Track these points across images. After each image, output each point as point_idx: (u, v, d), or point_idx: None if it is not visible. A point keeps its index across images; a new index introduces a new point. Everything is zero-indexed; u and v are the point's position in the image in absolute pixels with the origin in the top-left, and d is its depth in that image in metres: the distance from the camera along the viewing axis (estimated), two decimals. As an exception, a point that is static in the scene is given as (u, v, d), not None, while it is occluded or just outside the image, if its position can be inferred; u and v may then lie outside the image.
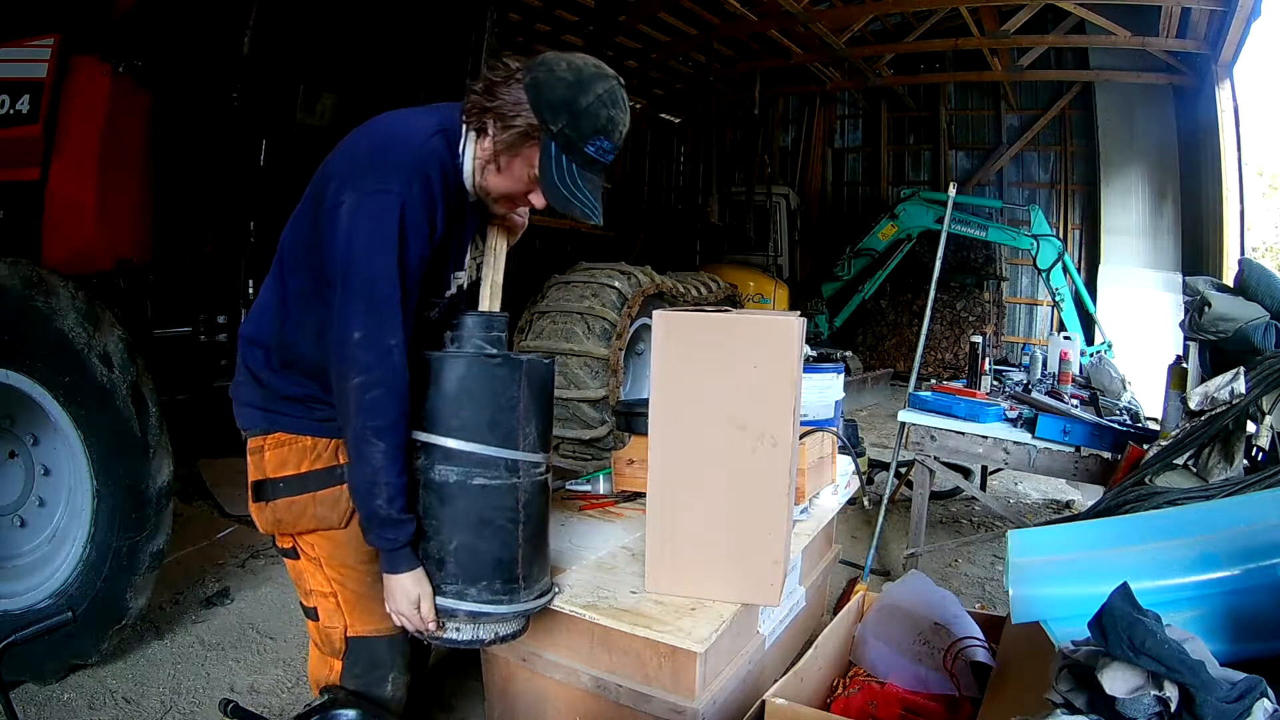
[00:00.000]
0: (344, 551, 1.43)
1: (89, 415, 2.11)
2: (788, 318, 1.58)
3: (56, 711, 2.06)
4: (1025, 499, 4.70)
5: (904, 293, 9.96)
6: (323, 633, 1.48)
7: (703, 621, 1.54)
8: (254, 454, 1.42)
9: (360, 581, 1.44)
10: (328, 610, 1.46)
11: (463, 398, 1.35)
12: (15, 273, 2.04)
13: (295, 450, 1.40)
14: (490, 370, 1.37)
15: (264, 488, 1.40)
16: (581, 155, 1.29)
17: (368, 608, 1.44)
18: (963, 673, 1.93)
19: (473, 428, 1.35)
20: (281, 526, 1.42)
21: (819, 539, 2.25)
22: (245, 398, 1.44)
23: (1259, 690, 0.97)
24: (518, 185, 1.35)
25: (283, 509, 1.40)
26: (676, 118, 12.82)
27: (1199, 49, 7.57)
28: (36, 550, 2.26)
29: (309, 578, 1.46)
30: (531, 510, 1.42)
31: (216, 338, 2.93)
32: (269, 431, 1.41)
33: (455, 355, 1.39)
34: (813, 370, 2.58)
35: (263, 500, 1.41)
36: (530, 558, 1.44)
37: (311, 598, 1.47)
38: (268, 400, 1.41)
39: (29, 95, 2.47)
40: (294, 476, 1.40)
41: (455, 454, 1.34)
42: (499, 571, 1.39)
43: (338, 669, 1.47)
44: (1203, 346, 2.32)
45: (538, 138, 1.28)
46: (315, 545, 1.44)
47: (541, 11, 8.79)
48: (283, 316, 1.40)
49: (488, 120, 1.30)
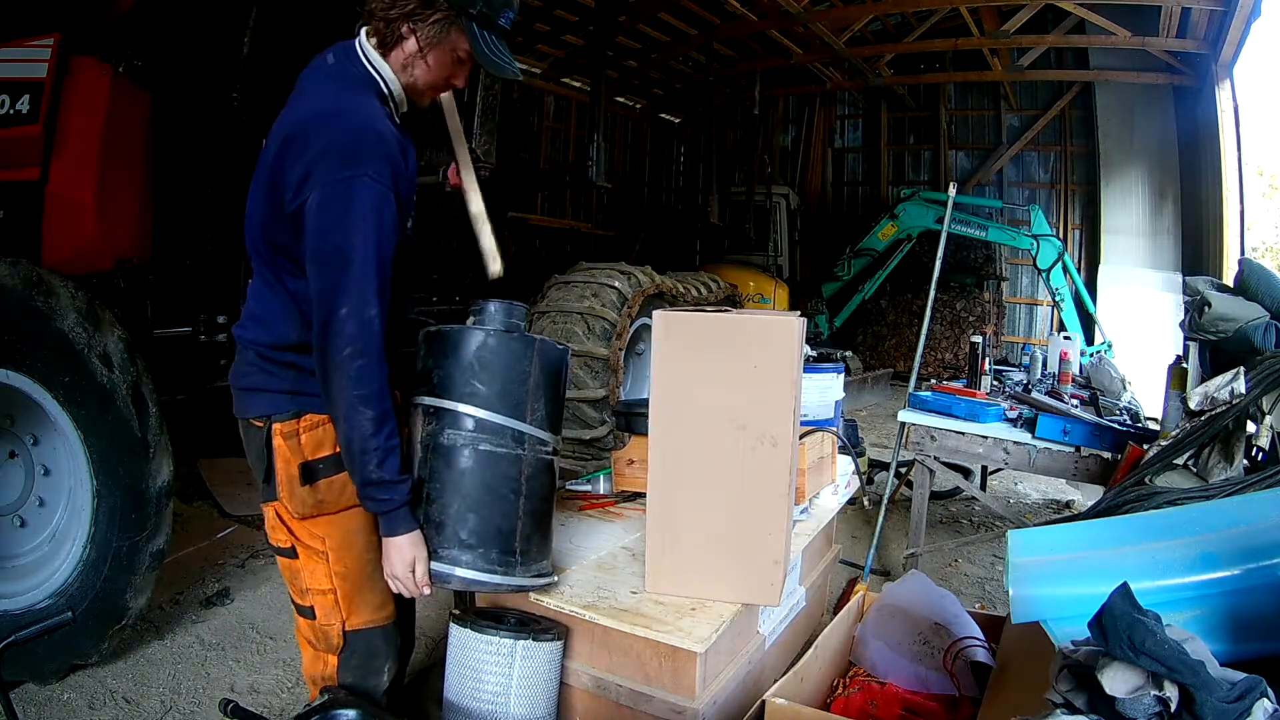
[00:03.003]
0: (355, 539, 1.48)
1: (89, 415, 2.11)
2: (788, 317, 1.58)
3: (56, 711, 2.05)
4: (1025, 499, 4.70)
5: (904, 293, 9.96)
6: (319, 630, 1.50)
7: (703, 621, 1.54)
8: (288, 439, 1.44)
9: (361, 572, 1.48)
10: (325, 608, 1.48)
11: (477, 367, 1.43)
12: (15, 273, 2.04)
13: (328, 430, 1.44)
14: (506, 343, 1.45)
15: (311, 470, 1.44)
16: (497, 29, 1.44)
17: (365, 600, 1.49)
18: (963, 673, 1.93)
19: (484, 396, 1.42)
20: (324, 507, 1.46)
21: (819, 539, 2.25)
22: (262, 384, 1.46)
23: (1259, 690, 0.97)
24: (443, 72, 1.47)
25: (324, 489, 1.45)
26: (676, 118, 12.82)
27: (1199, 49, 7.57)
28: (36, 550, 2.26)
29: (306, 576, 1.48)
30: (534, 486, 1.46)
31: (216, 338, 2.93)
32: (300, 414, 1.44)
33: (475, 328, 1.46)
34: (813, 370, 2.58)
35: (311, 482, 1.44)
36: (529, 533, 1.47)
37: (308, 596, 1.49)
38: (296, 383, 1.44)
39: (29, 95, 2.47)
40: (331, 456, 1.44)
41: (465, 419, 1.41)
42: (497, 541, 1.43)
43: (333, 664, 1.50)
44: (1203, 346, 2.31)
45: (460, 25, 1.41)
46: (327, 536, 1.46)
47: (541, 11, 8.79)
48: (295, 311, 1.43)
49: (401, 26, 1.40)
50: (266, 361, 1.45)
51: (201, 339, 2.91)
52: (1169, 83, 8.72)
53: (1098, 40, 8.49)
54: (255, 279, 1.48)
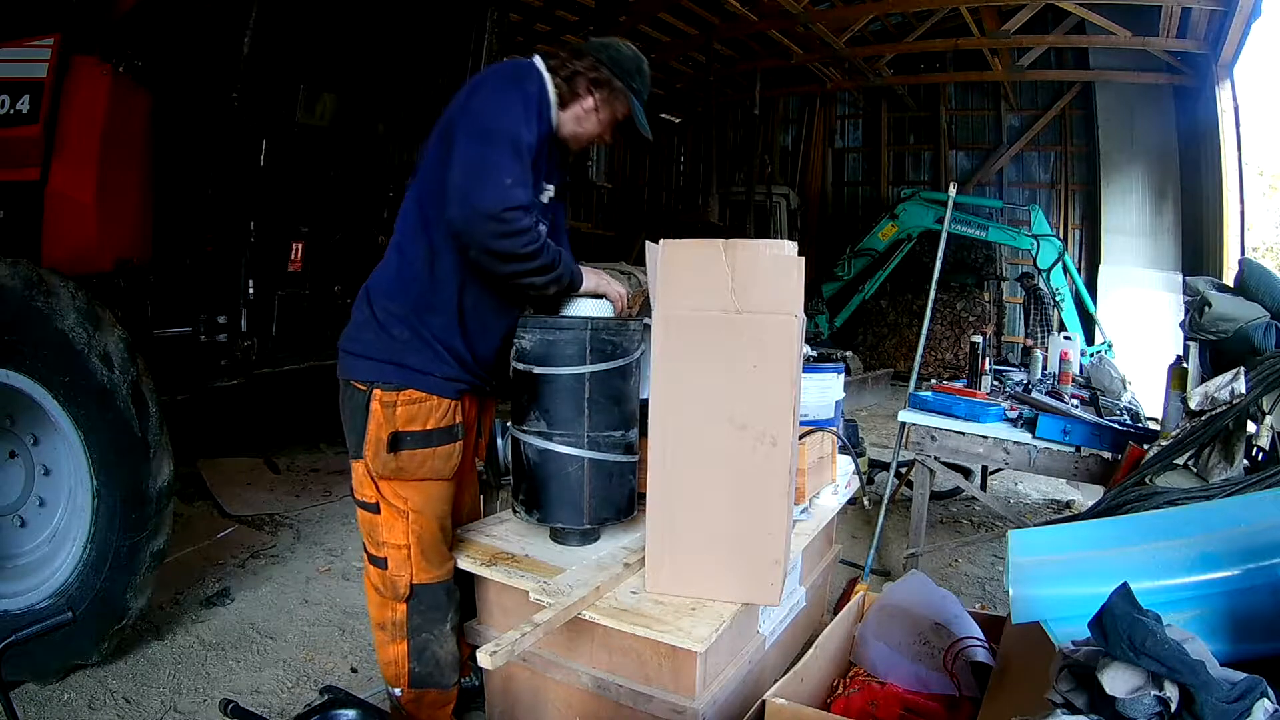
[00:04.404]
0: (433, 505, 1.72)
1: (89, 415, 2.11)
2: (787, 316, 1.58)
3: (56, 711, 2.05)
4: (1025, 499, 4.70)
5: (904, 293, 9.95)
6: (388, 580, 1.72)
7: (703, 621, 1.54)
8: (385, 406, 1.65)
9: (434, 535, 1.73)
10: (398, 560, 1.71)
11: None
12: (15, 273, 2.04)
13: (424, 408, 1.67)
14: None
15: (399, 439, 1.65)
16: (642, 100, 1.83)
17: (433, 559, 1.74)
18: (963, 673, 1.93)
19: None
20: (401, 474, 1.67)
21: (819, 539, 2.25)
22: (372, 351, 1.67)
23: (1259, 690, 0.97)
24: (600, 129, 1.84)
25: (406, 459, 1.66)
26: (676, 118, 12.81)
27: (1199, 49, 7.57)
28: (37, 550, 2.25)
29: (384, 530, 1.70)
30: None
31: (216, 338, 2.93)
32: (402, 388, 1.66)
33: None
34: (813, 370, 2.58)
35: (396, 450, 1.65)
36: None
37: (383, 549, 1.71)
38: (401, 354, 1.66)
39: (29, 95, 2.47)
40: (420, 432, 1.67)
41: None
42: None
43: (402, 611, 1.74)
44: (1203, 346, 2.31)
45: (626, 97, 1.80)
46: (410, 499, 1.69)
47: (541, 11, 8.79)
48: (430, 259, 1.67)
49: (580, 85, 1.75)
50: (378, 325, 1.70)
51: (201, 339, 2.91)
52: (1169, 83, 8.72)
53: (1098, 40, 8.49)
54: (396, 238, 1.79)
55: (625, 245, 7.84)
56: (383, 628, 1.77)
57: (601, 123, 1.83)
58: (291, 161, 3.09)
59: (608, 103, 1.80)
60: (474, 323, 1.73)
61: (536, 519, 1.82)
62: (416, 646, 1.76)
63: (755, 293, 1.55)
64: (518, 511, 1.87)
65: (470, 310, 1.72)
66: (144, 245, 2.71)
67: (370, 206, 3.59)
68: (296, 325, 3.26)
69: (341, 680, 2.27)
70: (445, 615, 1.78)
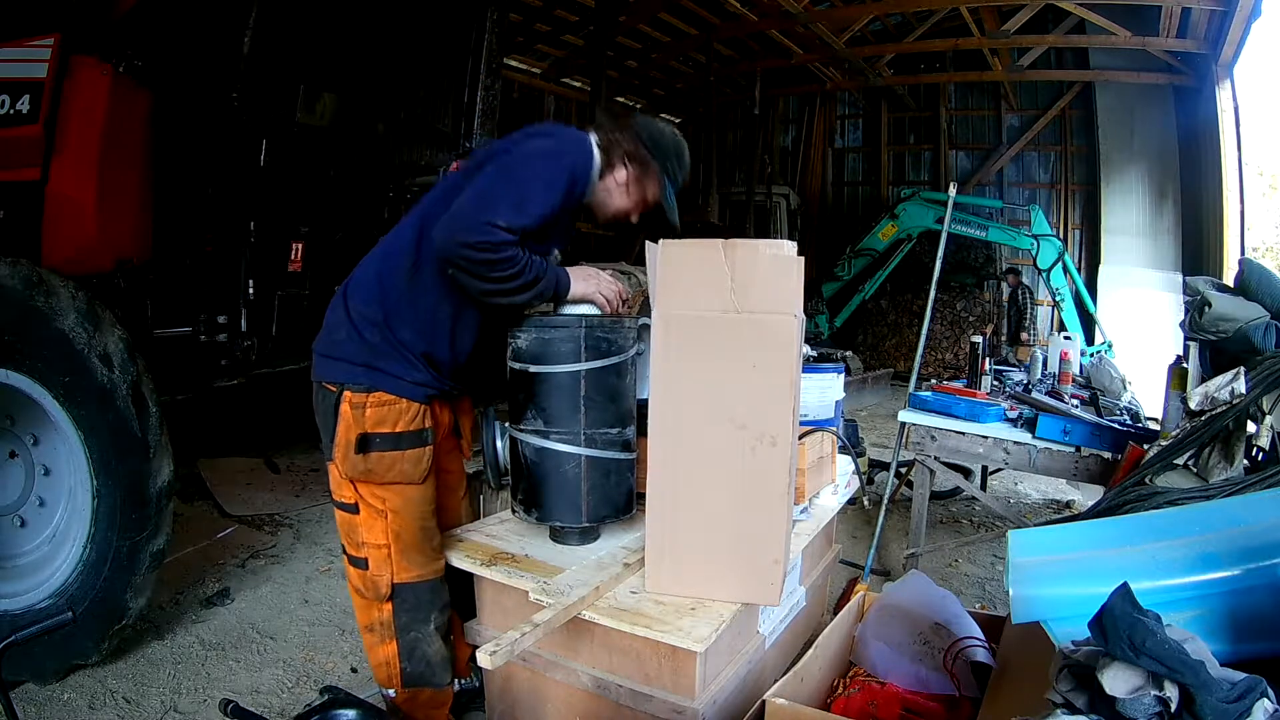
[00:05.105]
0: (412, 506, 1.71)
1: (89, 415, 2.11)
2: (788, 317, 1.58)
3: (56, 711, 2.05)
4: (1025, 499, 4.70)
5: (904, 293, 9.96)
6: (369, 580, 1.72)
7: (703, 621, 1.54)
8: (355, 408, 1.64)
9: (414, 534, 1.72)
10: (378, 560, 1.70)
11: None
12: (15, 273, 2.04)
13: (393, 411, 1.66)
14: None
15: (368, 440, 1.65)
16: (676, 185, 1.85)
17: (413, 559, 1.72)
18: (963, 673, 1.92)
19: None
20: (370, 476, 1.66)
21: (819, 539, 2.25)
22: (343, 353, 1.66)
23: (1259, 690, 0.97)
24: (633, 206, 1.85)
25: (375, 460, 1.65)
26: (676, 118, 12.80)
27: (1199, 49, 7.57)
28: (37, 550, 2.26)
29: (364, 530, 1.70)
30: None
31: (216, 338, 2.93)
32: (372, 390, 1.65)
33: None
34: (813, 370, 2.58)
35: (364, 452, 1.64)
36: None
37: (363, 549, 1.70)
38: (372, 358, 1.65)
39: (29, 95, 2.47)
40: (389, 434, 1.66)
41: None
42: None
43: (388, 610, 1.73)
44: (1203, 346, 2.31)
45: (660, 179, 1.82)
46: (387, 499, 1.68)
47: (541, 11, 8.79)
48: (413, 270, 1.66)
49: (615, 154, 1.77)
50: (353, 329, 1.67)
51: (201, 339, 2.90)
52: (1169, 83, 8.73)
53: (1098, 40, 8.50)
54: (383, 246, 1.79)
55: (625, 245, 7.83)
56: (370, 630, 1.77)
57: (632, 200, 1.84)
58: (291, 161, 3.08)
59: (639, 181, 1.81)
60: (449, 334, 1.73)
61: (535, 518, 1.82)
62: (406, 645, 1.75)
63: (755, 293, 1.55)
64: (517, 511, 1.87)
65: (443, 322, 1.72)
66: (144, 245, 2.71)
67: (370, 206, 3.58)
68: (297, 325, 3.25)
69: (341, 680, 2.27)
70: (429, 614, 1.76)
